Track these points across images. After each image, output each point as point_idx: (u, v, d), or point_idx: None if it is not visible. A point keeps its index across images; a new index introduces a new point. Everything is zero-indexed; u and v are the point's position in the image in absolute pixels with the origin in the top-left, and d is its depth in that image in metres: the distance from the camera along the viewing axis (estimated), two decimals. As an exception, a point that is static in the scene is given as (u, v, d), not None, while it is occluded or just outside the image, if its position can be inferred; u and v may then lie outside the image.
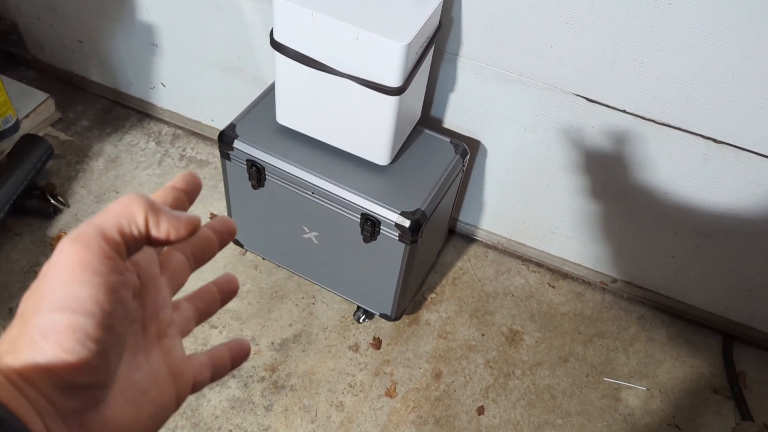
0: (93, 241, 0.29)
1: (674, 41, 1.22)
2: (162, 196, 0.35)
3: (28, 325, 0.28)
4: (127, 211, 0.30)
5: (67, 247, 0.29)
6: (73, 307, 0.27)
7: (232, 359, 0.40)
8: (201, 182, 0.37)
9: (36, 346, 0.27)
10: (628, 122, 1.39)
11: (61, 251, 0.29)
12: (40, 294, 0.28)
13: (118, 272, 0.29)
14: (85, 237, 0.29)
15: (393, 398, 1.57)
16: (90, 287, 0.28)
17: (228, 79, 1.80)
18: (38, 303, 0.28)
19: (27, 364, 0.27)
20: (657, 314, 1.78)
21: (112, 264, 0.29)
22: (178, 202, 0.35)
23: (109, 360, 0.29)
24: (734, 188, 1.41)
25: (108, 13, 1.81)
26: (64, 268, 0.28)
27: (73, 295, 0.28)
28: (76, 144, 1.96)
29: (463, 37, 1.40)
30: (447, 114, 1.58)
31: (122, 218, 0.30)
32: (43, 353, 0.27)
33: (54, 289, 0.28)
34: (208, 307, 0.41)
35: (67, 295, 0.28)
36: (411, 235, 1.35)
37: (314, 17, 1.19)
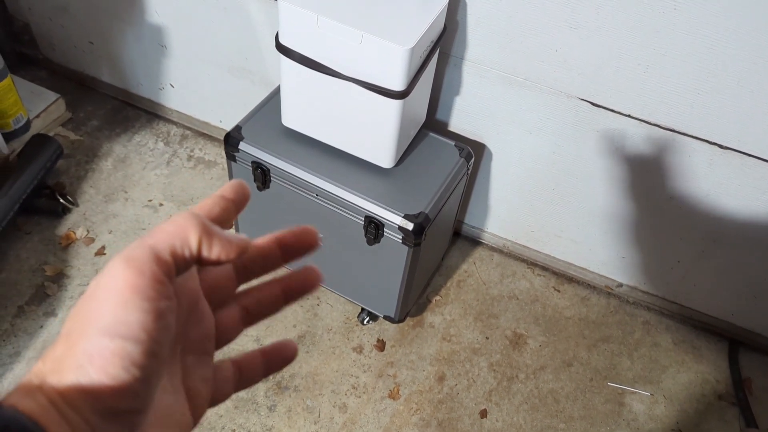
0: (146, 265, 0.28)
1: (679, 46, 1.21)
2: (210, 205, 0.34)
3: (74, 347, 0.28)
4: (181, 232, 0.30)
5: (119, 270, 0.28)
6: (121, 333, 0.27)
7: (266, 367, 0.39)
8: (249, 192, 0.36)
9: (81, 370, 0.27)
10: (633, 127, 1.39)
11: (113, 273, 0.28)
12: (88, 316, 0.28)
13: (167, 297, 0.29)
14: (138, 260, 0.28)
15: (396, 400, 1.57)
16: (139, 313, 0.28)
17: (236, 81, 1.81)
18: (86, 325, 0.28)
19: (71, 387, 0.27)
20: (662, 319, 1.78)
21: (162, 289, 0.29)
22: (226, 213, 0.34)
23: (150, 386, 0.29)
24: (740, 194, 1.40)
25: (118, 15, 1.83)
26: (115, 292, 0.28)
27: (122, 321, 0.27)
28: (85, 144, 1.98)
29: (468, 40, 1.40)
30: (452, 117, 1.58)
31: (176, 240, 0.29)
32: (88, 377, 0.27)
33: (103, 312, 0.28)
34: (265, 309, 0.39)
35: (116, 320, 0.27)
36: (414, 238, 1.36)
37: (319, 21, 1.20)
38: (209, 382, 0.36)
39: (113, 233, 1.79)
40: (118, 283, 0.28)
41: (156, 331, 0.28)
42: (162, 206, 1.86)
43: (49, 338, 1.58)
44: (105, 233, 1.78)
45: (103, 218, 1.81)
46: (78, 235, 1.77)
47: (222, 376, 0.37)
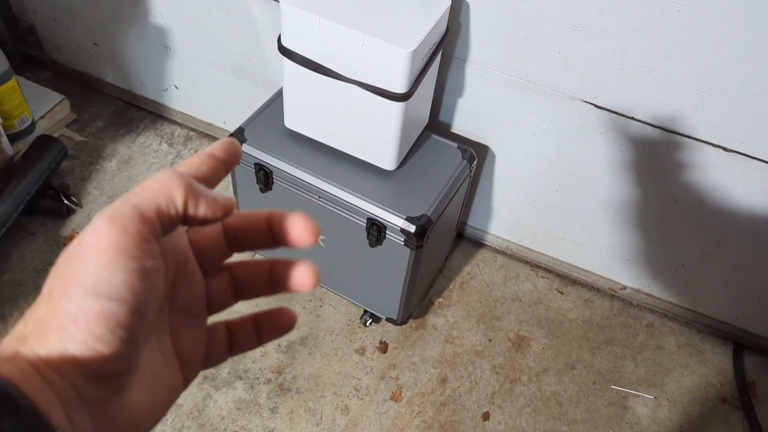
0: (130, 223, 0.27)
1: (683, 49, 1.21)
2: (197, 163, 0.32)
3: (57, 307, 0.26)
4: (166, 191, 0.29)
5: (103, 228, 0.27)
6: (106, 293, 0.26)
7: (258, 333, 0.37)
8: (240, 152, 0.34)
9: (65, 332, 0.26)
10: (637, 130, 1.38)
11: (96, 231, 0.27)
12: (70, 275, 0.27)
13: (153, 257, 0.28)
14: (122, 218, 0.27)
15: (398, 402, 1.57)
16: (125, 273, 0.27)
17: (239, 82, 1.81)
18: (68, 285, 0.27)
19: (55, 351, 0.26)
20: (666, 322, 1.77)
21: (148, 248, 0.27)
22: (214, 173, 0.32)
23: (137, 347, 0.28)
24: (744, 197, 1.40)
25: (122, 16, 1.83)
26: (99, 250, 0.27)
27: (106, 280, 0.26)
28: (90, 145, 1.99)
29: (471, 42, 1.40)
30: (455, 119, 1.58)
31: (161, 198, 0.28)
32: (73, 340, 0.26)
33: (86, 272, 0.26)
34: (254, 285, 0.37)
35: (100, 279, 0.26)
36: (416, 241, 1.35)
37: (321, 23, 1.19)
38: (202, 343, 0.35)
39: (117, 234, 1.79)
40: (101, 241, 0.27)
41: (142, 291, 0.27)
42: (165, 207, 1.86)
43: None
44: (109, 234, 1.79)
45: (107, 219, 1.82)
46: (82, 236, 1.77)
47: (215, 339, 0.36)
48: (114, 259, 0.26)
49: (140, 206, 0.28)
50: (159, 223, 0.28)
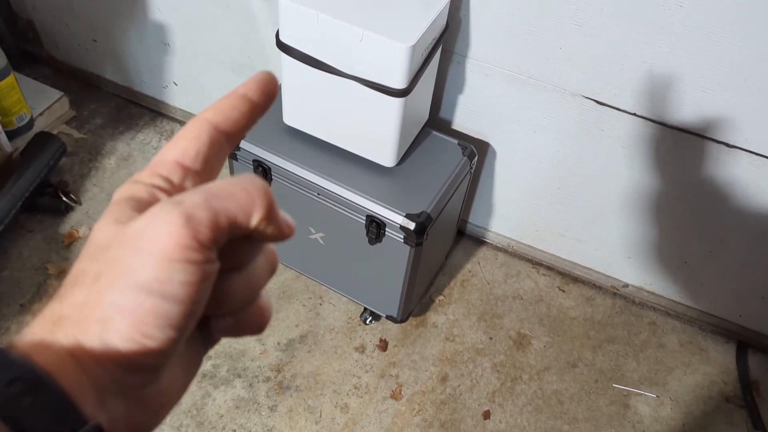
0: (204, 228, 0.25)
1: (685, 44, 1.19)
2: (228, 107, 0.30)
3: (102, 296, 0.25)
4: (247, 205, 0.27)
5: (174, 225, 0.25)
6: (161, 292, 0.25)
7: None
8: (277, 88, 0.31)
9: (110, 324, 0.25)
10: (639, 125, 1.37)
11: (165, 225, 0.25)
12: (122, 265, 0.25)
13: (212, 261, 0.26)
14: (197, 221, 0.25)
15: (398, 401, 1.56)
16: (185, 274, 0.25)
17: (239, 79, 1.80)
18: (119, 275, 0.25)
19: (96, 341, 0.25)
20: (668, 320, 1.76)
21: (210, 254, 0.26)
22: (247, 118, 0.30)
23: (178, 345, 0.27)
24: (747, 193, 1.38)
25: (121, 13, 1.82)
26: (161, 246, 0.25)
27: (163, 279, 0.25)
28: (89, 142, 1.98)
29: (471, 38, 1.38)
30: (455, 116, 1.56)
31: (240, 211, 0.27)
32: (117, 333, 0.25)
33: (143, 266, 0.25)
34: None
35: (156, 277, 0.25)
36: (416, 238, 1.34)
37: (319, 18, 1.18)
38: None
39: (116, 232, 1.78)
40: (168, 238, 0.25)
41: (198, 293, 0.26)
42: (165, 205, 1.85)
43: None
44: (108, 231, 1.78)
45: (106, 216, 1.81)
46: (81, 233, 1.76)
47: None
48: (176, 260, 0.25)
49: (219, 213, 0.26)
50: (228, 232, 0.27)
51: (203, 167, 0.29)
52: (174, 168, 0.29)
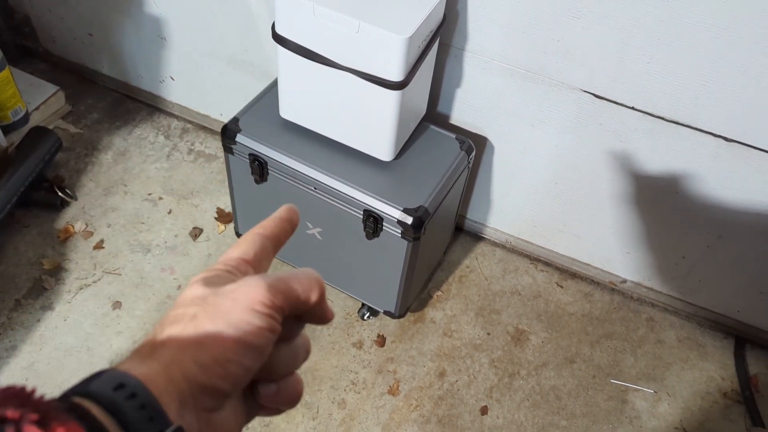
0: (280, 295, 0.36)
1: (684, 37, 1.19)
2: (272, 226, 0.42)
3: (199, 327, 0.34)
4: (309, 287, 0.37)
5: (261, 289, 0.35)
6: (245, 329, 0.34)
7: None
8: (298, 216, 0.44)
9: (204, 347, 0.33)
10: (637, 119, 1.36)
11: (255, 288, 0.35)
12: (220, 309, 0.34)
13: (279, 322, 0.36)
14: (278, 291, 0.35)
15: (396, 396, 1.55)
16: (262, 321, 0.34)
17: (236, 73, 1.79)
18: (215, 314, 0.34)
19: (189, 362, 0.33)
20: (667, 316, 1.75)
21: (278, 317, 0.35)
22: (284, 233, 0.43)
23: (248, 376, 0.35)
24: (745, 188, 1.37)
25: (117, 7, 1.81)
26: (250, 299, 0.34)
27: (247, 320, 0.34)
28: (85, 137, 1.97)
29: (469, 31, 1.37)
30: (453, 110, 1.56)
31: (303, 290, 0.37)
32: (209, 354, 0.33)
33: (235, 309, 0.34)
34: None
35: (242, 318, 0.34)
36: (413, 232, 1.34)
37: (315, 10, 1.17)
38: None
39: (112, 227, 1.77)
40: (256, 296, 0.35)
41: (265, 339, 0.35)
42: (161, 200, 1.85)
43: (46, 332, 1.56)
44: (104, 227, 1.77)
45: (102, 212, 1.80)
46: (77, 228, 1.76)
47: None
48: (259, 310, 0.34)
49: (291, 288, 0.36)
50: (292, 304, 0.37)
51: (257, 262, 0.40)
52: (239, 262, 0.39)
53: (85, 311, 1.61)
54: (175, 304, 0.36)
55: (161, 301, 1.65)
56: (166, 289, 1.67)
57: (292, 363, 0.40)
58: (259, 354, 0.35)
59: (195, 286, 0.37)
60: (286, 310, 0.36)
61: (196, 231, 1.79)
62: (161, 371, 0.32)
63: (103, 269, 1.69)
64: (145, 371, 0.32)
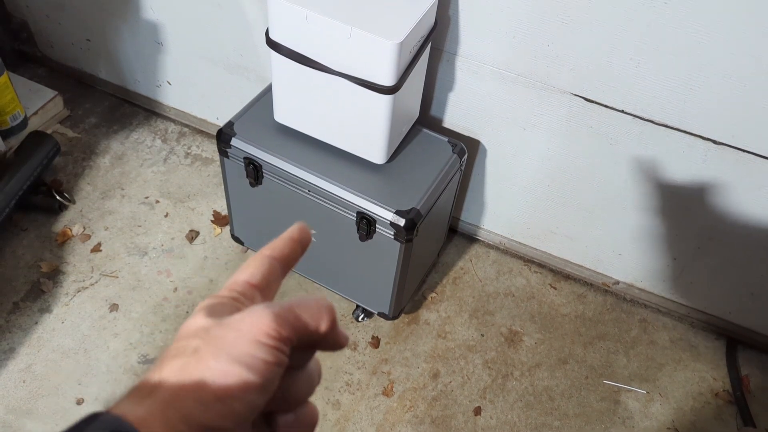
0: (286, 324, 0.33)
1: (671, 41, 1.20)
2: (281, 247, 0.39)
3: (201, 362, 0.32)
4: (319, 317, 0.35)
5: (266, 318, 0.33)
6: (247, 364, 0.32)
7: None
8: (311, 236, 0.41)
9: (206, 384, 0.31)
10: (627, 122, 1.38)
11: (259, 318, 0.33)
12: (223, 342, 0.32)
13: (285, 353, 0.34)
14: (283, 320, 0.33)
15: (390, 397, 1.57)
16: (266, 354, 0.32)
17: (232, 78, 1.81)
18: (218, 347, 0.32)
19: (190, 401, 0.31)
20: (659, 317, 1.76)
21: (284, 347, 0.33)
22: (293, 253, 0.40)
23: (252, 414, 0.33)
24: (735, 190, 1.39)
25: (115, 12, 1.83)
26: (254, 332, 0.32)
27: (250, 354, 0.32)
28: (83, 141, 1.99)
29: (461, 36, 1.39)
30: (446, 113, 1.57)
31: (312, 320, 0.35)
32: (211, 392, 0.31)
33: (238, 343, 0.32)
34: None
35: (246, 352, 0.32)
36: (406, 234, 1.35)
37: (308, 15, 1.19)
38: None
39: (109, 230, 1.79)
40: (261, 326, 0.33)
41: (271, 373, 0.33)
42: (158, 203, 1.86)
43: (43, 334, 1.58)
44: (101, 230, 1.79)
45: (100, 215, 1.82)
46: (74, 231, 1.77)
47: None
48: (263, 342, 0.32)
49: (299, 317, 0.34)
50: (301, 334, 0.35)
51: (265, 286, 0.38)
52: (245, 287, 0.37)
53: (82, 314, 1.63)
54: (178, 336, 0.35)
55: (157, 304, 1.67)
56: (163, 291, 1.69)
57: (307, 390, 0.39)
58: (264, 389, 0.33)
59: (198, 316, 0.35)
60: (294, 340, 0.34)
61: (192, 234, 1.80)
62: (158, 414, 0.31)
63: (101, 272, 1.71)
64: (141, 414, 0.30)
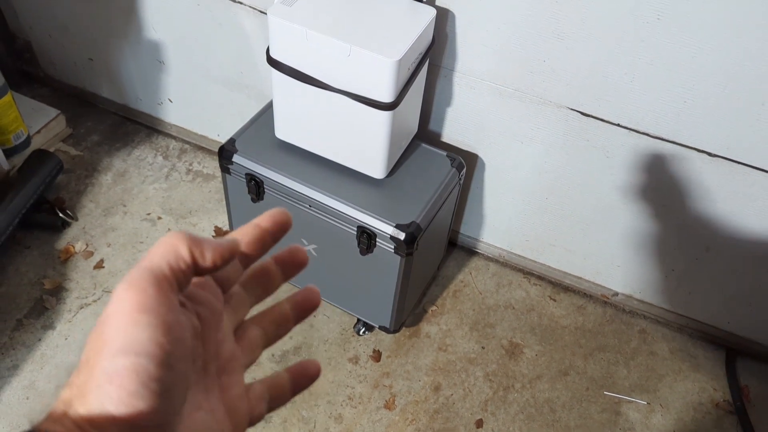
0: (146, 284, 0.30)
1: (664, 55, 1.23)
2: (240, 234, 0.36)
3: (94, 370, 0.29)
4: (171, 248, 0.32)
5: (123, 294, 0.30)
6: (135, 350, 0.29)
7: (293, 386, 0.40)
8: (291, 220, 0.38)
9: (101, 391, 0.29)
10: (623, 136, 1.40)
11: (117, 298, 0.30)
12: (102, 340, 0.29)
13: (173, 310, 0.31)
14: (138, 281, 0.30)
15: (392, 411, 1.57)
16: (149, 329, 0.29)
17: (232, 95, 1.83)
18: (102, 349, 0.29)
19: (95, 409, 0.29)
20: (659, 328, 1.78)
21: (167, 303, 0.31)
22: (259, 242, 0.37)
23: (172, 400, 0.30)
24: (730, 201, 1.41)
25: (116, 32, 1.86)
26: (123, 314, 0.30)
27: (134, 339, 0.29)
28: (85, 159, 2.01)
29: (458, 52, 1.42)
30: (444, 128, 1.60)
31: (169, 256, 0.32)
32: (109, 398, 0.28)
33: (116, 334, 0.29)
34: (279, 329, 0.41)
35: (127, 338, 0.29)
36: (406, 248, 1.37)
37: (308, 35, 1.22)
38: (244, 400, 0.37)
39: (112, 246, 1.80)
40: (124, 306, 0.30)
41: (167, 344, 0.30)
42: (160, 220, 1.88)
43: (47, 351, 1.59)
44: (104, 247, 1.80)
45: (102, 232, 1.83)
46: (77, 248, 1.79)
47: (255, 395, 0.38)
48: (138, 319, 0.29)
49: (152, 268, 0.31)
50: (174, 278, 0.31)
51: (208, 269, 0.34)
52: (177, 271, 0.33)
53: (85, 330, 1.64)
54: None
55: (160, 319, 1.67)
56: (165, 307, 1.70)
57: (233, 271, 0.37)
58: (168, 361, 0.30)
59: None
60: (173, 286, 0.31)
61: (194, 250, 1.81)
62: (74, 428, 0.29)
63: (103, 288, 1.72)
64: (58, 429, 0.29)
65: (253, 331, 0.40)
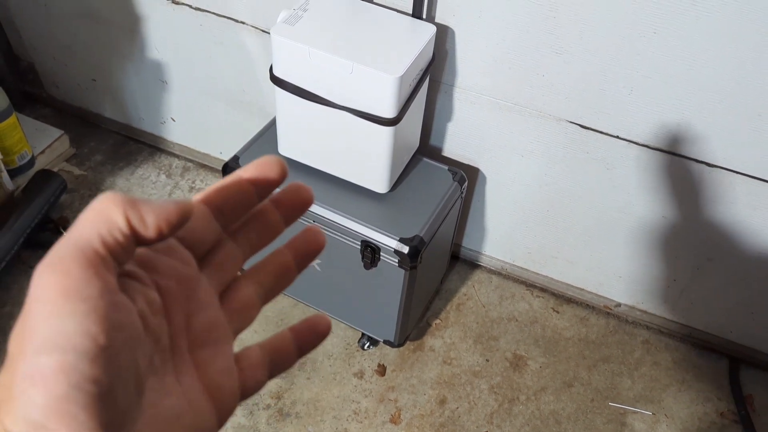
0: (72, 263, 0.24)
1: (661, 68, 1.25)
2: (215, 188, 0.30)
3: (16, 372, 0.24)
4: (103, 216, 0.25)
5: (44, 277, 0.24)
6: (60, 346, 0.23)
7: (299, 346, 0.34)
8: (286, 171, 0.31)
9: (26, 397, 0.23)
10: (623, 147, 1.41)
11: (38, 282, 0.24)
12: (23, 335, 0.24)
13: (109, 291, 0.25)
14: (62, 260, 0.24)
15: (397, 425, 1.58)
16: (76, 318, 0.23)
17: (235, 113, 1.85)
18: (22, 345, 0.24)
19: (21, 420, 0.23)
20: (662, 338, 1.78)
21: (100, 283, 0.24)
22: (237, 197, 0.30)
23: (118, 400, 0.25)
24: (731, 211, 1.42)
25: (119, 52, 1.88)
26: (45, 302, 0.24)
27: (58, 331, 0.23)
28: (89, 178, 2.02)
29: (458, 68, 1.44)
30: (445, 142, 1.61)
31: (100, 225, 0.25)
32: (34, 404, 0.23)
33: (36, 327, 0.24)
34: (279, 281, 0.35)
35: (50, 332, 0.23)
36: (410, 261, 1.38)
37: (310, 53, 1.24)
38: (232, 373, 0.32)
39: (116, 265, 1.81)
40: (46, 291, 0.24)
41: (102, 334, 0.24)
42: (164, 237, 1.89)
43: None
44: (108, 265, 1.81)
45: (106, 250, 1.84)
46: (81, 267, 1.79)
47: (249, 363, 0.33)
48: (61, 307, 0.24)
49: (79, 242, 0.25)
50: (107, 253, 0.25)
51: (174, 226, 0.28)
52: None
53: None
54: None
55: (165, 337, 1.68)
56: (170, 324, 1.70)
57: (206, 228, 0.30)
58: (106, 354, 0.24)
59: None
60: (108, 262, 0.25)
61: (198, 267, 1.82)
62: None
63: (108, 307, 1.72)
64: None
65: (246, 290, 0.34)
